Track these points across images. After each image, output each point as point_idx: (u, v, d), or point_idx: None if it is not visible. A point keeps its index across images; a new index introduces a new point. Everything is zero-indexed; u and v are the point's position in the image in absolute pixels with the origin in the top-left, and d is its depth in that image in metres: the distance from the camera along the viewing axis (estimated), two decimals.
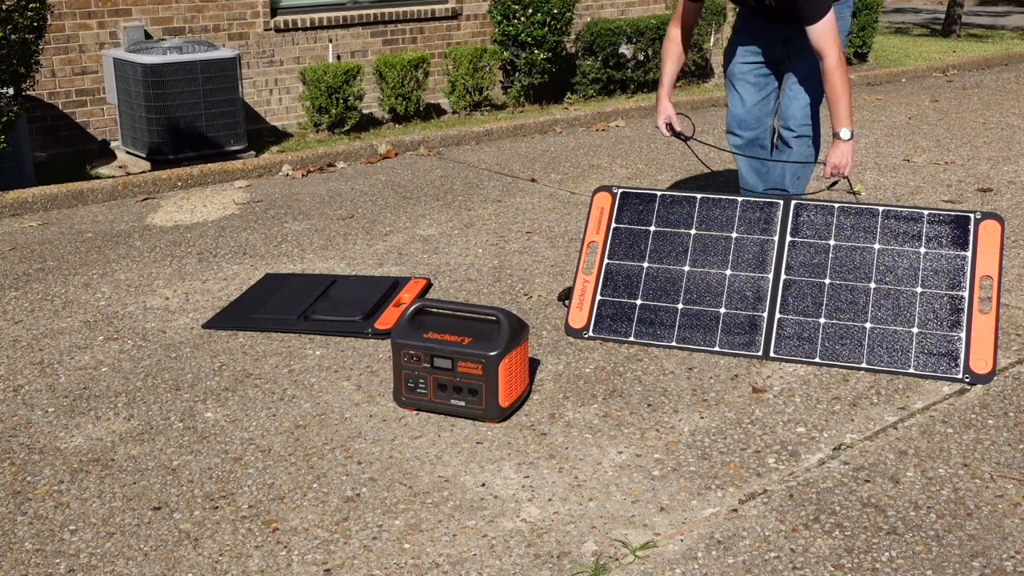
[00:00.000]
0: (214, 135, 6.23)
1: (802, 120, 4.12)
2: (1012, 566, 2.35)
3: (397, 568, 2.37)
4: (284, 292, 3.96)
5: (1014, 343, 3.56)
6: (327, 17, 7.39)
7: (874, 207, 3.58)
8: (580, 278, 3.73)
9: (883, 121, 7.35)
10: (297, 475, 2.76)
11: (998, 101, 8.08)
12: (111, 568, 2.38)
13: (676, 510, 2.58)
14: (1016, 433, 2.95)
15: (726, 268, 3.62)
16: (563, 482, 2.71)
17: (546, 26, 7.82)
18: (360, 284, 4.03)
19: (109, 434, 3.00)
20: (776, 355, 3.42)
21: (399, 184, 5.75)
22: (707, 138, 6.82)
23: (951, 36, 12.44)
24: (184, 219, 5.15)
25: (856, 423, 3.02)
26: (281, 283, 4.09)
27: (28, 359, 3.52)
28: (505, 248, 4.63)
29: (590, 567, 2.36)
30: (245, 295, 3.99)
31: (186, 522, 2.56)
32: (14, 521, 2.57)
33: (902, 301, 3.41)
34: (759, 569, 2.35)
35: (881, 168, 5.96)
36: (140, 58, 6.01)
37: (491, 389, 2.98)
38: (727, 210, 3.70)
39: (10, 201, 5.25)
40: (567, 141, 6.84)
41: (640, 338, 3.57)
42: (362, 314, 3.71)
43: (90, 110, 6.61)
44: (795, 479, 2.72)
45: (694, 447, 2.89)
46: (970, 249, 3.42)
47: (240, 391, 3.26)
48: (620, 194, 3.83)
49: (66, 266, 4.45)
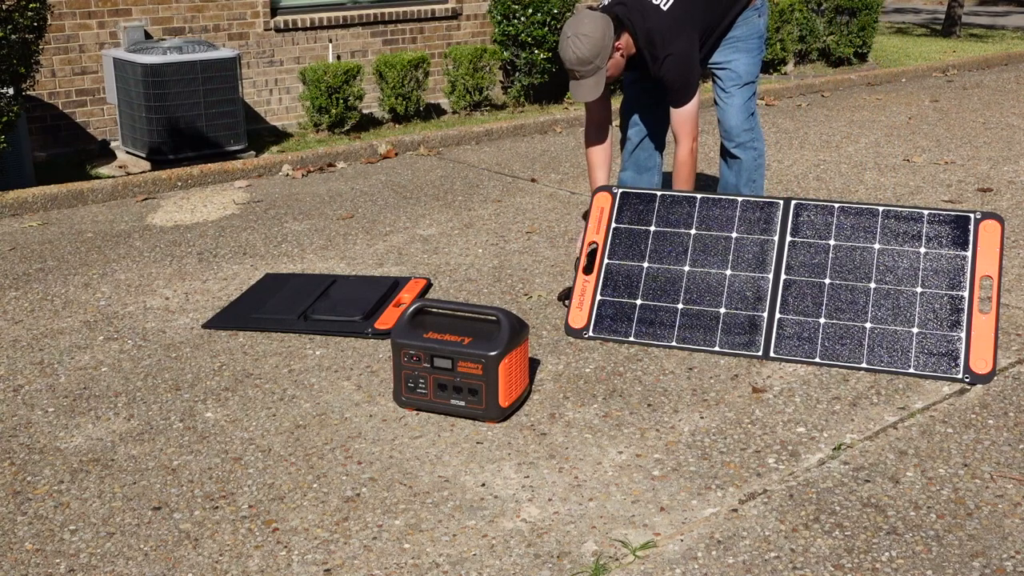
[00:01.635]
0: (214, 135, 6.23)
1: (740, 129, 4.12)
2: (1012, 566, 2.35)
3: (397, 568, 2.37)
4: (284, 292, 3.96)
5: (1014, 343, 3.56)
6: (327, 17, 7.39)
7: (874, 207, 3.58)
8: (580, 278, 3.73)
9: (883, 121, 7.35)
10: (297, 475, 2.76)
11: (998, 101, 8.09)
12: (111, 568, 2.38)
13: (676, 510, 2.58)
14: (1016, 433, 2.95)
15: (726, 268, 3.62)
16: (563, 482, 2.71)
17: (546, 26, 7.82)
18: (360, 284, 4.03)
19: (109, 434, 3.00)
20: (776, 355, 3.42)
21: (399, 184, 5.75)
22: (706, 139, 6.82)
23: (951, 36, 12.44)
24: (184, 219, 5.15)
25: (856, 423, 3.02)
26: (281, 283, 4.09)
27: (28, 359, 3.52)
28: (505, 248, 4.63)
29: (590, 567, 2.36)
30: (245, 295, 3.99)
31: (186, 522, 2.56)
32: (14, 521, 2.57)
33: (902, 301, 3.41)
34: (759, 569, 2.35)
35: (881, 168, 5.96)
36: (140, 58, 6.01)
37: (491, 389, 2.98)
38: (727, 210, 3.70)
39: (10, 201, 5.25)
40: (567, 141, 6.84)
41: (640, 338, 3.57)
42: (362, 314, 3.71)
43: (90, 110, 6.61)
44: (795, 479, 2.72)
45: (694, 447, 2.89)
46: (970, 249, 3.42)
47: (240, 391, 3.26)
48: (620, 194, 3.83)
49: (66, 266, 4.45)
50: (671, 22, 3.75)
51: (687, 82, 3.83)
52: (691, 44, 3.81)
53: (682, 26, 3.77)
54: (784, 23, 9.30)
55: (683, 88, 3.83)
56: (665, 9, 3.75)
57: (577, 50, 3.62)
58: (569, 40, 3.63)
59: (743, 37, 4.07)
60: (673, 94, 3.86)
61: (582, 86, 3.73)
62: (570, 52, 3.64)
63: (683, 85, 3.83)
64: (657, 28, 3.73)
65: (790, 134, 6.94)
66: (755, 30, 4.08)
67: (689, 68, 3.82)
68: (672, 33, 3.75)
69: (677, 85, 3.83)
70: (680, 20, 3.76)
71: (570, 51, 3.64)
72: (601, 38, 3.63)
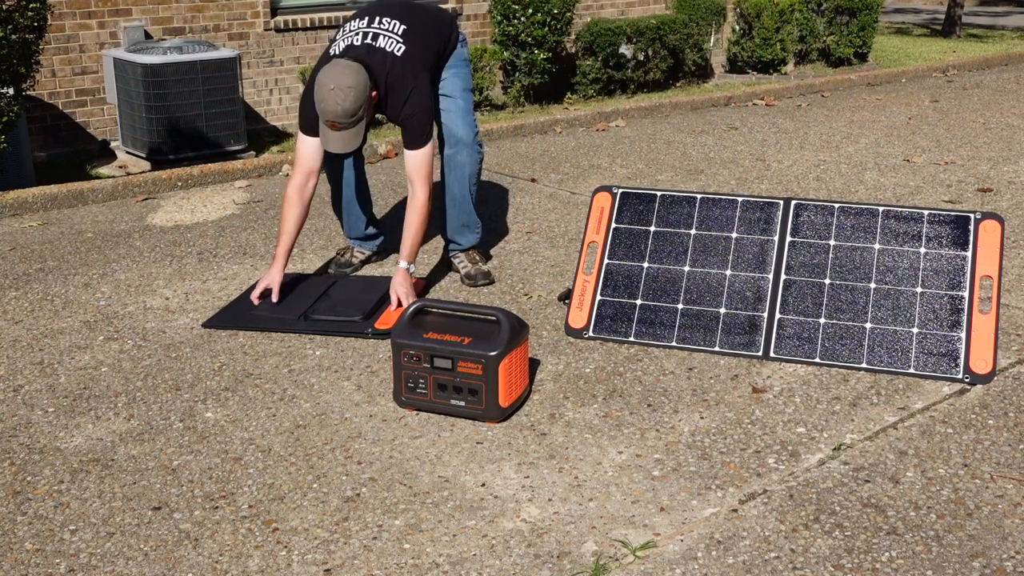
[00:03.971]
0: (214, 135, 6.23)
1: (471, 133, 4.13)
2: (1012, 566, 2.35)
3: (397, 568, 2.37)
4: (284, 292, 3.96)
5: (1014, 343, 3.56)
6: (327, 17, 7.39)
7: (874, 207, 3.58)
8: (580, 278, 3.73)
9: (883, 121, 7.35)
10: (297, 475, 2.77)
11: (998, 101, 8.09)
12: (111, 568, 2.38)
13: (676, 510, 2.58)
14: (1016, 433, 2.95)
15: (726, 268, 3.62)
16: (563, 482, 2.71)
17: (546, 26, 7.82)
18: (360, 284, 4.03)
19: (109, 434, 3.00)
20: (776, 355, 3.42)
21: (399, 184, 5.75)
22: (707, 139, 6.82)
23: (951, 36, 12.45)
24: (184, 219, 5.15)
25: (856, 423, 3.02)
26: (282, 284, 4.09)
27: (28, 359, 3.52)
28: (505, 248, 4.63)
29: (590, 567, 2.36)
30: (245, 295, 3.99)
31: (186, 522, 2.56)
32: (14, 521, 2.57)
33: (902, 301, 3.41)
34: (759, 569, 2.35)
35: (881, 168, 5.96)
36: (140, 58, 6.01)
37: (491, 389, 2.98)
38: (727, 210, 3.70)
39: (10, 201, 5.25)
40: (567, 141, 6.84)
41: (640, 338, 3.57)
42: (362, 314, 3.71)
43: (90, 110, 6.61)
44: (795, 479, 2.72)
45: (694, 447, 2.89)
46: (970, 249, 3.43)
47: (240, 391, 3.26)
48: (620, 194, 3.83)
49: (66, 266, 4.45)
50: (410, 65, 3.82)
51: (428, 119, 3.88)
52: (428, 85, 3.90)
53: (417, 69, 3.85)
54: (784, 23, 9.30)
55: (422, 127, 3.86)
56: (400, 55, 3.81)
57: (343, 103, 3.62)
58: (332, 93, 3.62)
59: (455, 64, 4.13)
60: (412, 134, 3.87)
61: (343, 137, 3.73)
62: (335, 105, 3.63)
63: (424, 122, 3.86)
64: (399, 73, 3.80)
65: (790, 134, 6.94)
66: (463, 56, 4.16)
67: (429, 107, 3.89)
68: (412, 75, 3.82)
69: (416, 122, 3.85)
70: (415, 63, 3.85)
71: (335, 104, 3.63)
72: (364, 89, 3.66)
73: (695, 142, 6.72)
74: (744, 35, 9.34)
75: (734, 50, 9.43)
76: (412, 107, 3.84)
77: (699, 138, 6.85)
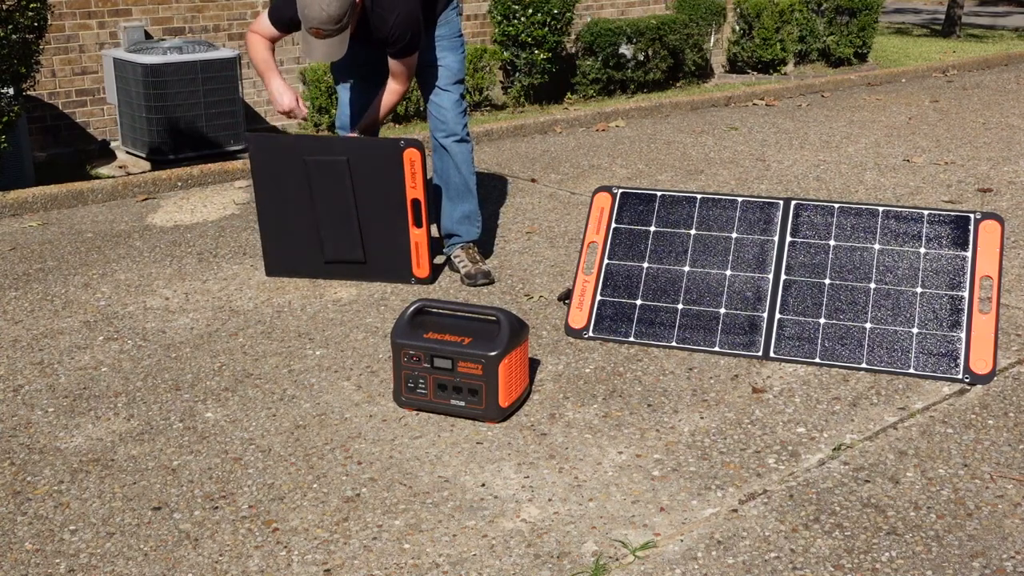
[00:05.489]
0: (214, 135, 6.23)
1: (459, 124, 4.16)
2: (1012, 566, 2.35)
3: (397, 568, 2.37)
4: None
5: (1014, 343, 3.56)
6: None
7: (874, 207, 3.59)
8: (580, 278, 3.73)
9: (883, 121, 7.35)
10: (297, 475, 2.77)
11: (998, 101, 8.09)
12: (111, 568, 2.38)
13: (676, 510, 2.58)
14: (1016, 433, 2.95)
15: (726, 268, 3.62)
16: (563, 482, 2.71)
17: (546, 26, 7.82)
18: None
19: (109, 434, 3.00)
20: (776, 355, 3.42)
21: None
22: (707, 139, 6.83)
23: (951, 36, 12.45)
24: (184, 219, 5.15)
25: (856, 423, 3.02)
26: None
27: (28, 359, 3.52)
28: (505, 248, 4.63)
29: (590, 567, 2.36)
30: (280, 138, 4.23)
31: (186, 522, 2.56)
32: (14, 521, 2.57)
33: (902, 301, 3.41)
34: (759, 569, 2.35)
35: (881, 168, 5.96)
36: (140, 58, 6.01)
37: (491, 389, 2.98)
38: (727, 210, 3.70)
39: (10, 201, 5.25)
40: (567, 141, 6.84)
41: (640, 338, 3.57)
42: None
43: (90, 110, 6.61)
44: (795, 479, 2.72)
45: (694, 447, 2.89)
46: (970, 249, 3.43)
47: (240, 391, 3.26)
48: (620, 194, 3.83)
49: (66, 266, 4.45)
50: None
51: (415, 37, 3.90)
52: (416, 5, 3.89)
53: None
54: (784, 23, 9.30)
55: (409, 44, 3.90)
56: None
57: (327, 8, 3.60)
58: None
59: (448, 36, 4.15)
60: (398, 48, 3.90)
61: (326, 45, 3.71)
62: (319, 11, 3.60)
63: (411, 40, 3.89)
64: None
65: (790, 134, 6.94)
66: (456, 28, 4.18)
67: (417, 25, 3.89)
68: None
69: (403, 42, 3.88)
70: None
71: (319, 9, 3.60)
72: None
73: (695, 142, 6.72)
74: (744, 35, 9.34)
75: (734, 50, 9.43)
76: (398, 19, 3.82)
77: (699, 138, 6.85)
